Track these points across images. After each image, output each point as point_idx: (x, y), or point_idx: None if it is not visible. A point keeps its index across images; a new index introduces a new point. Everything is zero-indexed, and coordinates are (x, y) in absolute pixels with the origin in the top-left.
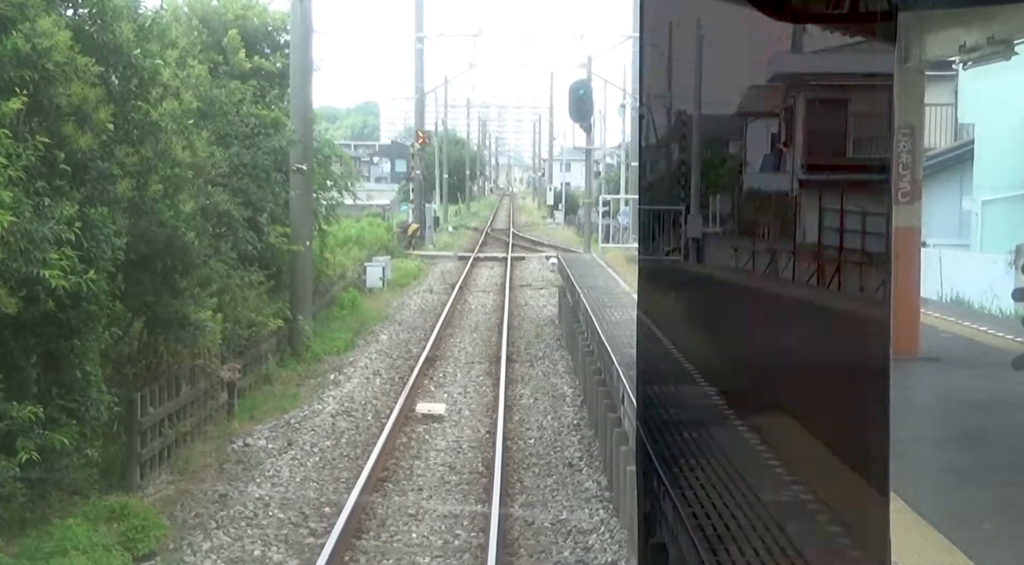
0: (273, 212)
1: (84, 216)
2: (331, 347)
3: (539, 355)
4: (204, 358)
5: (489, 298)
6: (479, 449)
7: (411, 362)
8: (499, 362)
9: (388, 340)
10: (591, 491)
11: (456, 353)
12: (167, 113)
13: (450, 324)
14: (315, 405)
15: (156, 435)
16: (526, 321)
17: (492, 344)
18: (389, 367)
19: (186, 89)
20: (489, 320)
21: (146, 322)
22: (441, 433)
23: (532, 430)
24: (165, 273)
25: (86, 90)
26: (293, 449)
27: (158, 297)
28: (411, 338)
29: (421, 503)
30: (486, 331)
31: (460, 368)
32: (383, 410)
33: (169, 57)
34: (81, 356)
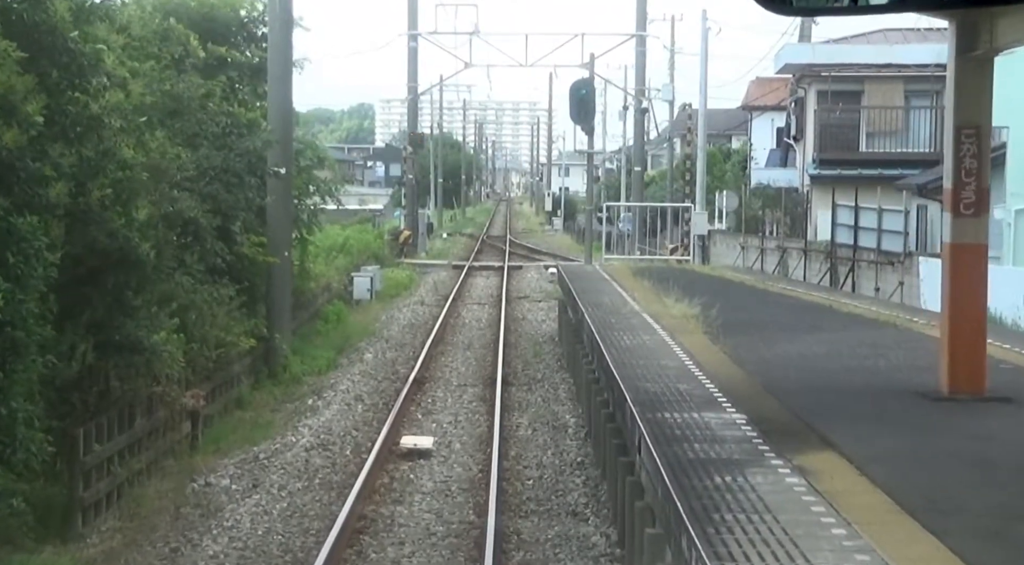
0: (247, 220)
1: (9, 227)
2: (312, 367)
3: (538, 377)
4: (163, 384)
5: (484, 311)
6: (470, 492)
7: (397, 385)
8: (494, 385)
9: (374, 359)
10: (599, 548)
11: (447, 374)
12: (111, 107)
13: (441, 341)
14: (288, 436)
15: (103, 474)
16: (523, 338)
17: (486, 364)
18: (373, 391)
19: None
20: (484, 336)
21: (95, 345)
22: (428, 472)
23: (530, 468)
24: (116, 290)
25: (12, 79)
26: (259, 492)
27: (108, 317)
28: (398, 357)
29: (401, 562)
30: (480, 349)
31: (451, 392)
32: (363, 443)
33: (115, 42)
34: (5, 390)
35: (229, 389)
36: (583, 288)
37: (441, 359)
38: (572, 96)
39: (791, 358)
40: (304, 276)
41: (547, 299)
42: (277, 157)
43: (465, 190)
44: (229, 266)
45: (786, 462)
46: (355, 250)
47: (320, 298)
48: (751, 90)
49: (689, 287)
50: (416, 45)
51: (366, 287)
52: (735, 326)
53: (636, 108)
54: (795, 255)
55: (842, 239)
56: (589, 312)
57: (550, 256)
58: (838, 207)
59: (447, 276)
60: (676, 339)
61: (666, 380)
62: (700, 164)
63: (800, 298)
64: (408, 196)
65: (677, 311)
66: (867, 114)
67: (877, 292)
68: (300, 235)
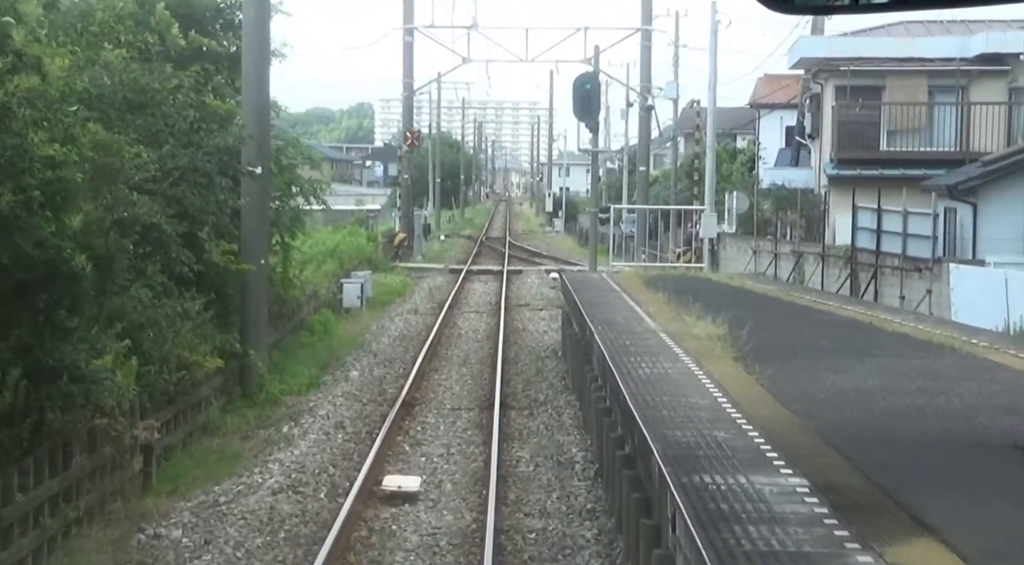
0: (218, 225)
1: None
2: (291, 385)
3: (540, 400)
4: (110, 416)
5: (482, 321)
6: (462, 547)
7: (384, 408)
8: (491, 409)
9: (360, 377)
10: None
11: (440, 395)
12: (21, 93)
13: (435, 355)
14: (255, 474)
15: (30, 527)
16: (524, 352)
17: (484, 383)
18: (356, 416)
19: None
20: (481, 350)
21: (25, 372)
22: (413, 521)
23: (533, 516)
24: (48, 308)
25: None
26: (211, 549)
27: (38, 339)
28: (387, 375)
29: None
30: (477, 365)
31: (443, 417)
32: (341, 483)
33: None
34: None
35: (195, 414)
36: (591, 301)
37: (434, 377)
38: (576, 91)
39: (843, 393)
40: (286, 284)
41: (549, 307)
42: (252, 155)
43: (464, 190)
44: (197, 276)
45: (876, 558)
46: (345, 254)
47: (305, 307)
48: (759, 87)
49: (708, 299)
50: (412, 39)
51: (356, 294)
52: (769, 350)
53: (641, 105)
54: (812, 260)
55: (863, 243)
56: (599, 331)
57: (551, 259)
58: (859, 209)
59: (443, 281)
60: (703, 367)
61: (698, 425)
62: (709, 163)
63: (834, 313)
64: (403, 197)
65: (700, 330)
66: (888, 111)
67: (902, 301)
68: (281, 240)
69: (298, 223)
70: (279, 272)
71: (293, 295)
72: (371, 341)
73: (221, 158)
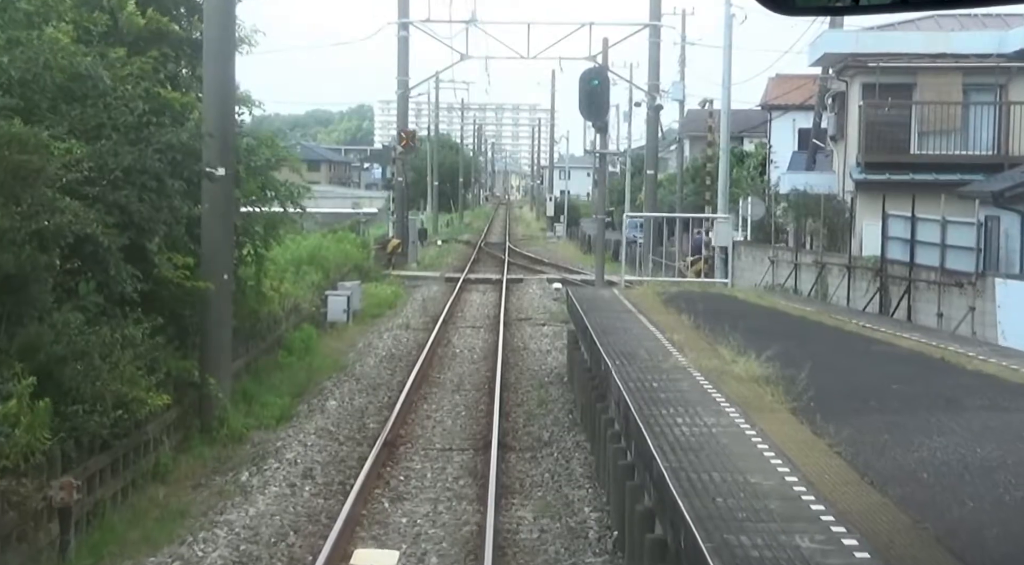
0: (171, 235)
1: None
2: (260, 417)
3: (545, 439)
4: (12, 475)
5: (479, 338)
6: None
7: (363, 449)
8: (488, 451)
9: (338, 408)
10: None
11: (428, 431)
12: None
13: (425, 379)
14: (198, 542)
15: None
16: (525, 376)
17: (479, 416)
18: (330, 459)
19: None
20: (477, 373)
21: None
22: None
23: None
24: None
25: None
26: None
27: None
28: (369, 405)
29: None
30: (473, 392)
31: (431, 461)
32: (301, 558)
33: None
34: None
35: (139, 459)
36: (603, 325)
37: (423, 407)
38: (582, 87)
39: (952, 470)
40: (261, 299)
41: (552, 322)
42: (214, 154)
43: (463, 193)
44: (144, 296)
45: None
46: (332, 263)
47: (284, 323)
48: (770, 88)
49: (740, 323)
50: (407, 34)
51: (342, 308)
52: (833, 398)
53: (649, 105)
54: (836, 272)
55: (894, 255)
56: (618, 368)
57: (553, 267)
58: (890, 217)
59: (439, 291)
60: (756, 424)
61: (768, 525)
62: (723, 166)
63: (893, 344)
64: (397, 200)
65: (741, 368)
66: (919, 110)
67: (940, 319)
68: (254, 250)
69: (273, 231)
70: (251, 286)
71: (271, 310)
72: (355, 362)
73: (174, 157)
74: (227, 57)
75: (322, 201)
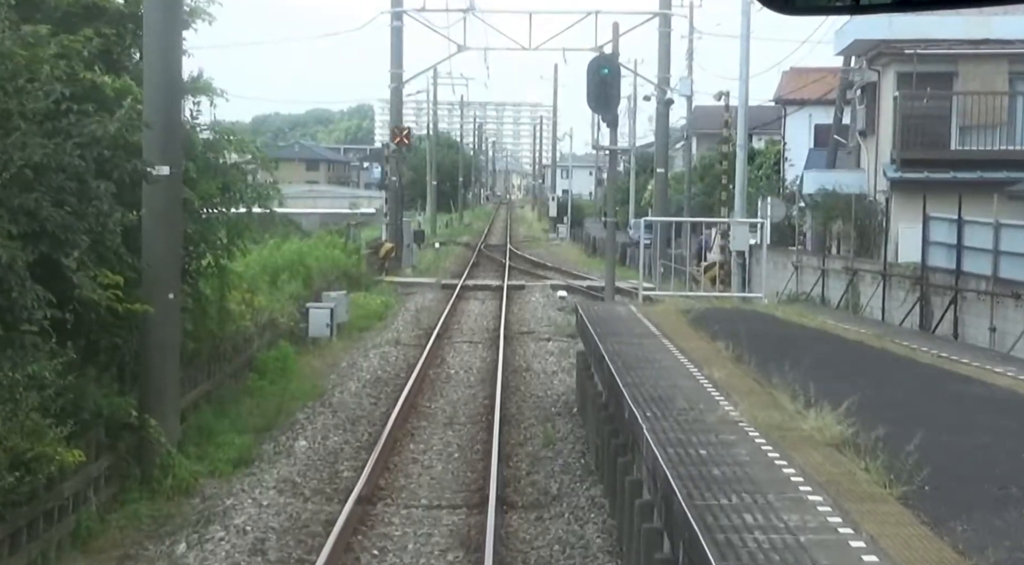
0: (98, 247)
1: None
2: (215, 461)
3: (553, 491)
4: None
5: (476, 356)
6: None
7: (331, 509)
8: (485, 509)
9: (308, 450)
10: None
11: (413, 482)
12: None
13: (414, 410)
14: None
15: None
16: (529, 404)
17: (475, 458)
18: (289, 525)
19: None
20: (473, 401)
21: None
22: None
23: None
24: None
25: None
26: None
27: None
28: (346, 445)
29: None
30: (468, 426)
31: (414, 527)
32: None
33: None
34: None
35: (52, 526)
36: (624, 355)
37: (408, 448)
38: (590, 76)
39: None
40: (224, 317)
41: (558, 336)
42: (157, 150)
43: (463, 193)
44: (60, 323)
45: None
46: (315, 271)
47: (257, 341)
48: (784, 82)
49: (791, 354)
50: (400, 24)
51: (325, 321)
52: (955, 479)
53: (659, 99)
54: (869, 280)
55: (937, 261)
56: (651, 424)
57: (556, 271)
58: (931, 220)
59: (434, 299)
60: (859, 526)
61: None
62: (740, 164)
63: (990, 383)
64: (390, 202)
65: (812, 426)
66: (960, 102)
67: (992, 334)
68: (215, 261)
69: (239, 238)
70: (213, 302)
71: (239, 327)
72: (336, 386)
73: (101, 153)
74: (171, 31)
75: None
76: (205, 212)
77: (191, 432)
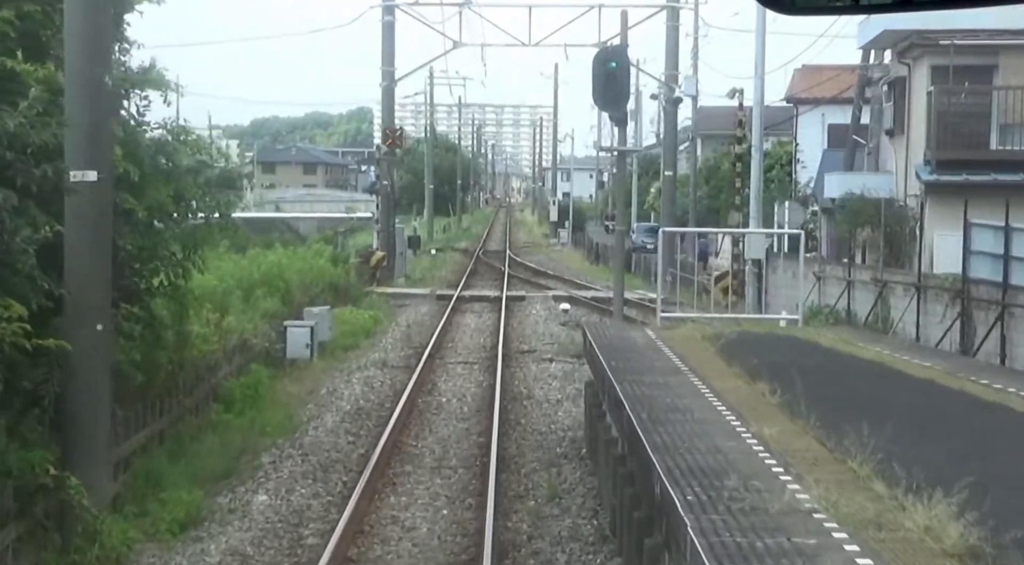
0: (4, 270)
1: None
2: (157, 521)
3: None
4: None
5: (472, 379)
6: None
7: None
8: None
9: (268, 507)
10: None
11: (392, 552)
12: None
13: (397, 451)
14: None
15: None
16: (530, 441)
17: (467, 516)
18: None
19: None
20: (467, 438)
21: None
22: None
23: None
24: None
25: None
26: None
27: None
28: (314, 500)
29: None
30: (459, 471)
31: None
32: None
33: None
34: None
35: None
36: (648, 402)
37: (388, 502)
38: (597, 70)
39: None
40: (182, 343)
41: (562, 356)
42: (80, 151)
43: (462, 196)
44: None
45: None
46: (295, 284)
47: (225, 367)
48: (796, 80)
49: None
50: (392, 19)
51: (304, 341)
52: None
53: (667, 98)
54: (901, 293)
55: (980, 273)
56: (697, 521)
57: (558, 280)
58: (973, 227)
59: (427, 313)
60: None
61: None
62: (756, 166)
63: None
64: (382, 207)
65: (918, 523)
66: (1002, 97)
67: None
68: (168, 280)
69: (193, 255)
70: (170, 326)
71: (202, 353)
72: (311, 420)
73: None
74: (98, 10)
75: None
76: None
77: (137, 482)
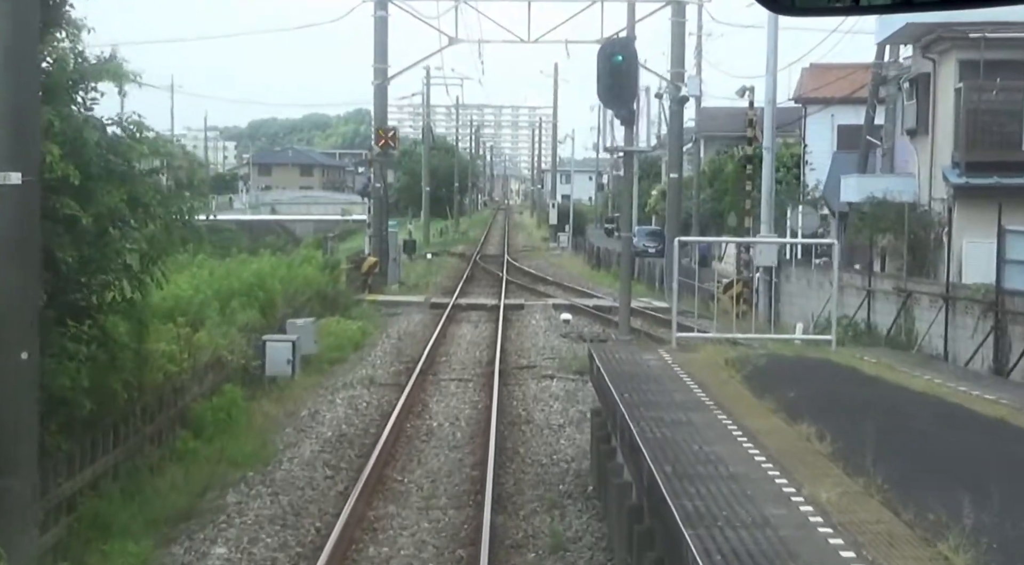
0: None
1: None
2: None
3: None
4: None
5: (466, 399)
6: None
7: None
8: None
9: (226, 559)
10: None
11: None
12: None
13: (381, 487)
14: None
15: None
16: (530, 475)
17: None
18: None
19: None
20: (460, 470)
21: None
22: None
23: None
24: None
25: None
26: None
27: None
28: (279, 552)
29: None
30: (450, 513)
31: None
32: None
33: None
34: None
35: None
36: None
37: (368, 553)
38: (602, 65)
39: None
40: (141, 365)
41: (563, 373)
42: (2, 151)
43: (459, 199)
44: None
45: None
46: (279, 294)
47: (194, 388)
48: (804, 80)
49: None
50: (385, 14)
51: (285, 357)
52: None
53: (672, 96)
54: (927, 304)
55: (1014, 283)
56: None
57: (558, 287)
58: (1007, 234)
59: (420, 323)
60: None
61: None
62: (767, 168)
63: None
64: (374, 212)
65: None
66: None
67: None
68: (121, 295)
69: (151, 265)
70: (125, 345)
71: (167, 374)
72: (286, 449)
73: None
74: None
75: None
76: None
77: (81, 528)
